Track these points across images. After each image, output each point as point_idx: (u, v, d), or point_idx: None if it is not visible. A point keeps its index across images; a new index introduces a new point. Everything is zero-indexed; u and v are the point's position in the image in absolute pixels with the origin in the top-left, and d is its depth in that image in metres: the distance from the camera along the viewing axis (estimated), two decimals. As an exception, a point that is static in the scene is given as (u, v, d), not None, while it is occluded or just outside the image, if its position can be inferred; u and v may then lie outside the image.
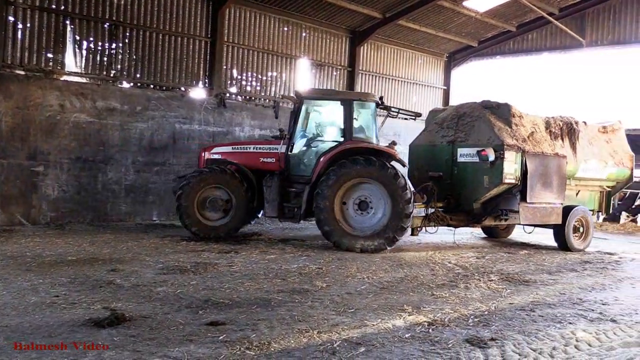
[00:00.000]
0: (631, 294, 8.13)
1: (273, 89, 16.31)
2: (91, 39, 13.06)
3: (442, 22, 18.59)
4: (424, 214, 11.24)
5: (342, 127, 10.75)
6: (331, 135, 11.14)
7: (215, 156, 11.36)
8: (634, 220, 17.81)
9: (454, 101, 20.56)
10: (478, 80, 21.56)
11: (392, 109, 11.99)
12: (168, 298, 6.49)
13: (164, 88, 14.18)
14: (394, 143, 11.01)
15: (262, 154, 11.15)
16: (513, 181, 10.86)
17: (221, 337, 5.17)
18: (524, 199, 11.08)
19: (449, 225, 11.55)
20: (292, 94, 16.47)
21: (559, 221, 11.75)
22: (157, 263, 8.48)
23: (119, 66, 13.52)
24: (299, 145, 11.09)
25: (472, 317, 6.34)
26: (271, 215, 10.88)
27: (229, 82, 15.35)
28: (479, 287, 7.91)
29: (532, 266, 10.00)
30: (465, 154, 11.24)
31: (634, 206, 18.37)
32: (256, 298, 6.66)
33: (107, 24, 13.28)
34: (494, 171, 10.76)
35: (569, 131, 12.29)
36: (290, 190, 10.75)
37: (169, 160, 13.88)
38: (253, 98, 15.85)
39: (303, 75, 17.01)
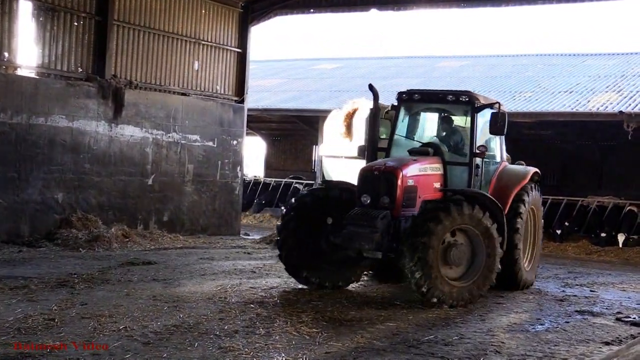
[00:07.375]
0: (479, 328, 8.88)
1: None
2: None
3: (235, -45, 18.76)
4: None
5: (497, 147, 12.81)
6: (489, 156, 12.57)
7: (410, 182, 11.04)
8: None
9: (254, 67, 20.91)
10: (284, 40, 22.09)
11: None
12: None
13: None
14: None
15: (435, 177, 11.51)
16: None
17: None
18: None
19: None
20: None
21: None
22: None
23: None
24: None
25: (273, 376, 6.43)
26: None
27: None
28: (286, 332, 8.07)
29: (357, 298, 10.50)
30: None
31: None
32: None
33: None
34: None
35: None
36: None
37: None
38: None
39: (23, 24, 15.93)
